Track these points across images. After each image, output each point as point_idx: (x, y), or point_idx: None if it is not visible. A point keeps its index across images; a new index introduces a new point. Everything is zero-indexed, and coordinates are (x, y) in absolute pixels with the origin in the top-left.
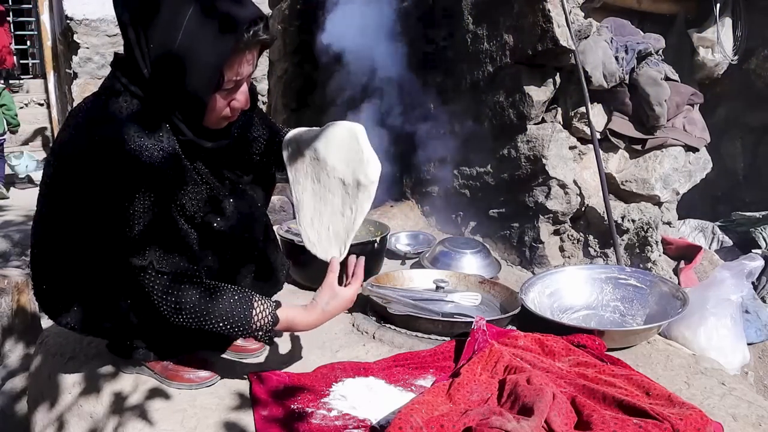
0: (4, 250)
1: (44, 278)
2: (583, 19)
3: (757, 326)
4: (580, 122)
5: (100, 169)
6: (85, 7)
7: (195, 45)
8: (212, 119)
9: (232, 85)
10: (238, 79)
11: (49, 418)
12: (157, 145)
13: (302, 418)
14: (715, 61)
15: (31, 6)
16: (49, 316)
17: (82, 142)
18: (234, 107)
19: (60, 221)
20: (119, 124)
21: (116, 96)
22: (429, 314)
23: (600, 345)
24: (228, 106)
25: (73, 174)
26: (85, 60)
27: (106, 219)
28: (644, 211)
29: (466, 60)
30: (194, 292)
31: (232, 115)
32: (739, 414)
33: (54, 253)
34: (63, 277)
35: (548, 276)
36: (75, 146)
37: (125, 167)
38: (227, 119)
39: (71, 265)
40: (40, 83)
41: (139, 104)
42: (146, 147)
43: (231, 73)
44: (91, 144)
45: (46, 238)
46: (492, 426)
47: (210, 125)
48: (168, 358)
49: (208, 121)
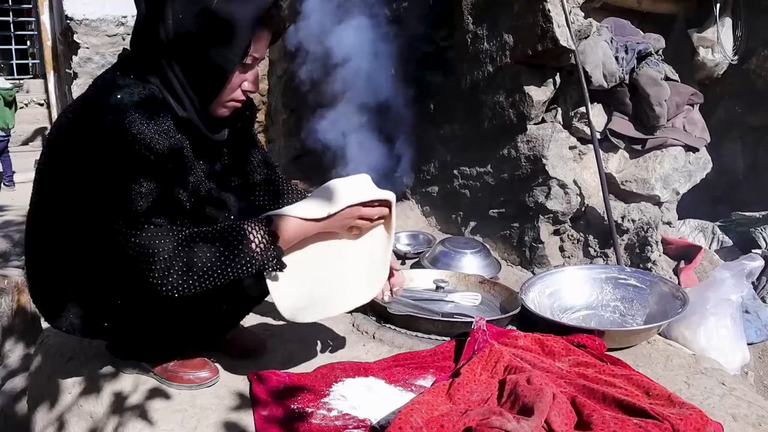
0: (4, 250)
1: (40, 278)
2: (583, 19)
3: (757, 326)
4: (580, 122)
5: (99, 155)
6: (85, 7)
7: (233, 5)
8: (225, 99)
9: (251, 61)
10: (257, 57)
11: (49, 418)
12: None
13: (302, 418)
14: (715, 61)
15: (31, 6)
16: (46, 320)
17: (82, 127)
18: (246, 89)
19: (55, 212)
20: (122, 111)
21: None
22: (429, 314)
23: (600, 345)
24: (240, 87)
25: (69, 159)
26: (85, 60)
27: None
28: (644, 211)
29: (466, 60)
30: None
31: (240, 101)
32: (739, 414)
33: (49, 249)
34: (59, 275)
35: (548, 276)
36: (74, 132)
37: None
38: (235, 104)
39: (67, 261)
40: (40, 83)
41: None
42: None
43: (257, 45)
44: (93, 130)
45: (41, 233)
46: (492, 426)
47: (217, 108)
48: (166, 359)
49: (219, 101)
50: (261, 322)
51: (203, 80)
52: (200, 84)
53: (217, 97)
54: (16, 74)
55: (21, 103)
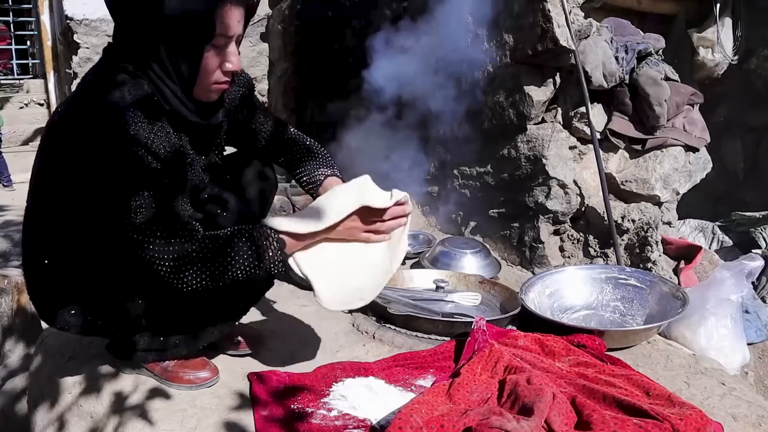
0: (4, 250)
1: (37, 277)
2: (583, 19)
3: (757, 326)
4: (580, 122)
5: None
6: (85, 7)
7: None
8: (206, 83)
9: (222, 42)
10: (229, 35)
11: (49, 418)
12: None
13: (302, 418)
14: (715, 61)
15: (31, 6)
16: (45, 320)
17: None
18: (226, 70)
19: (52, 210)
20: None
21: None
22: (429, 314)
23: (600, 345)
24: (219, 69)
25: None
26: (85, 60)
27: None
28: (644, 211)
29: (466, 60)
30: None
31: (225, 82)
32: (739, 414)
33: (47, 247)
34: (56, 274)
35: (548, 276)
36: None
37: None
38: (219, 87)
39: (64, 260)
40: (40, 83)
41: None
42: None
43: (221, 25)
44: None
45: (38, 230)
46: (492, 426)
47: (202, 93)
48: (167, 357)
49: (201, 87)
50: (261, 321)
51: (177, 68)
52: (176, 72)
53: (196, 83)
54: (16, 74)
55: (21, 103)
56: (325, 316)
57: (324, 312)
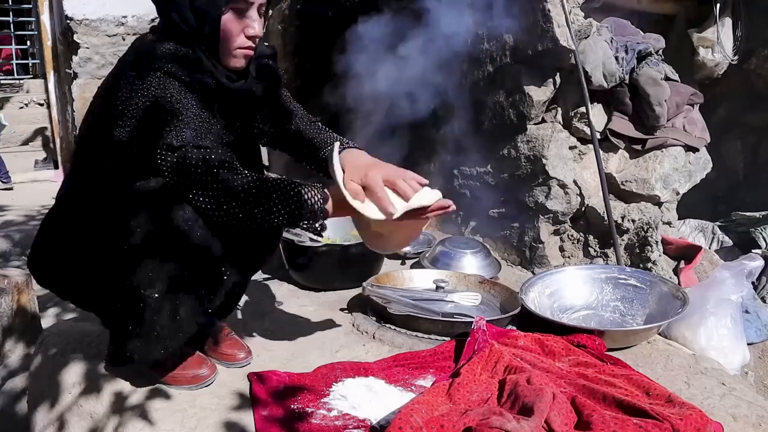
0: (4, 250)
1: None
2: (583, 19)
3: (757, 326)
4: (580, 122)
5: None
6: (85, 7)
7: None
8: (230, 46)
9: (243, 5)
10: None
11: (49, 418)
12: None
13: (302, 418)
14: (715, 61)
15: (31, 6)
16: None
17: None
18: (249, 35)
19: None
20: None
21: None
22: (429, 314)
23: (600, 345)
24: (242, 33)
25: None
26: (85, 60)
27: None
28: (644, 211)
29: (466, 60)
30: (239, 174)
31: (248, 47)
32: (739, 414)
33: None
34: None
35: (548, 276)
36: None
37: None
38: (243, 51)
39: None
40: (40, 83)
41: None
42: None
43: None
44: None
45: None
46: (492, 426)
47: (228, 59)
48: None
49: (226, 50)
50: (261, 321)
51: (201, 31)
52: (201, 35)
53: (221, 46)
54: (16, 74)
55: (21, 103)
56: (325, 316)
57: (324, 312)
